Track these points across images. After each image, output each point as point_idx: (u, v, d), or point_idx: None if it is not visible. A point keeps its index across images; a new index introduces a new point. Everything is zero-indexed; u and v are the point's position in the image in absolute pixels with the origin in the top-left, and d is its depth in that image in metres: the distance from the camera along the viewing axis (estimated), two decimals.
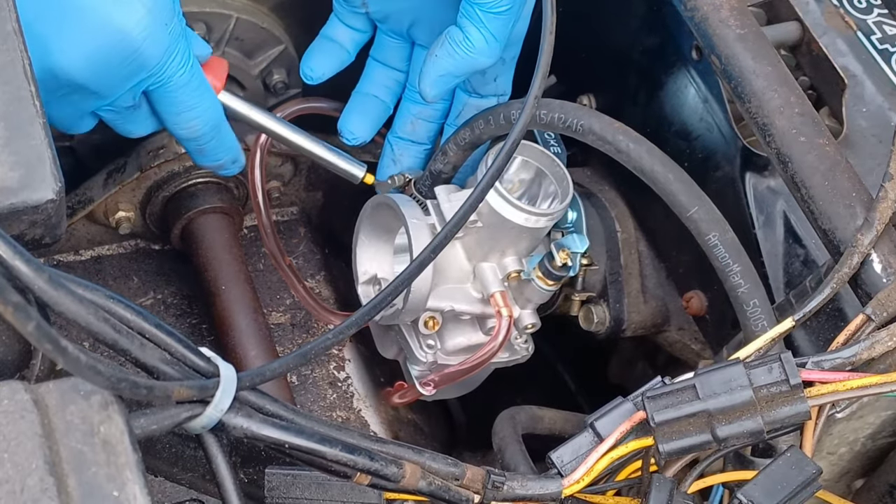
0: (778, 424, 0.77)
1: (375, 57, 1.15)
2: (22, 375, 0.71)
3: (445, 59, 1.01)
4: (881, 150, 1.03)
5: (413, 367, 1.14)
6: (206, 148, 1.03)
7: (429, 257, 0.88)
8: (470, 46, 1.00)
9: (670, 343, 1.24)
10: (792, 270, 1.01)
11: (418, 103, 1.14)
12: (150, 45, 0.92)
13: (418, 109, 1.14)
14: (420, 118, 1.14)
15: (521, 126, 0.92)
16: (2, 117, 0.69)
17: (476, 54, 1.00)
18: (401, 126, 1.15)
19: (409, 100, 1.14)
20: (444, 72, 1.01)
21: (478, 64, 1.01)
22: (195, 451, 0.82)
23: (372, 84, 1.15)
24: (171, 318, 1.24)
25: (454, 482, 0.77)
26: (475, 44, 0.99)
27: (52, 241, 0.72)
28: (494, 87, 1.11)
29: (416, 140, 1.15)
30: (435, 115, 1.14)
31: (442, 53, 1.01)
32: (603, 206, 1.21)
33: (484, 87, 1.11)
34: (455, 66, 1.01)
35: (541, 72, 0.93)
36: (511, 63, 1.10)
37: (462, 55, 1.00)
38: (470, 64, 1.01)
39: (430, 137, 1.15)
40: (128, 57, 0.91)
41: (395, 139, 1.15)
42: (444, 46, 1.01)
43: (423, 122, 1.14)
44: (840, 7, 1.13)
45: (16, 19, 0.73)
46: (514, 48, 1.09)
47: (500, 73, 1.10)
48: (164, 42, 0.93)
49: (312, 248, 1.34)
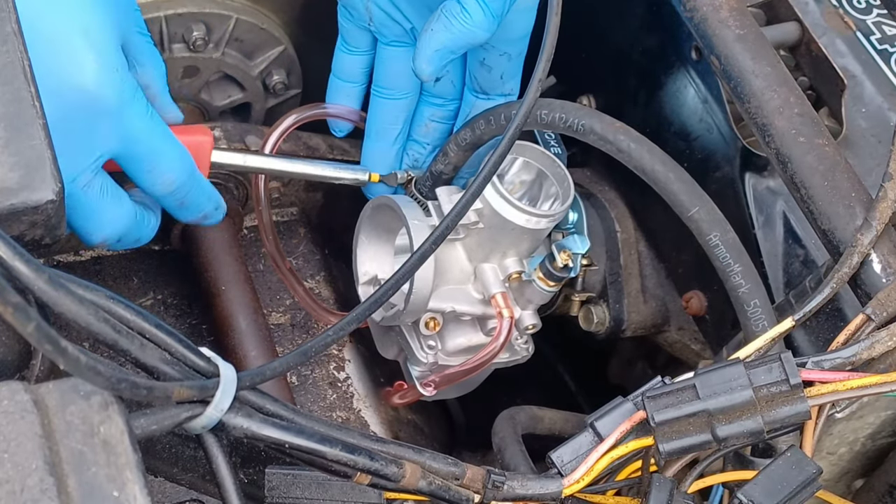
0: (778, 424, 0.77)
1: (380, 93, 1.13)
2: (22, 376, 0.71)
3: (441, 32, 0.98)
4: (881, 151, 1.03)
5: (414, 367, 1.14)
6: (188, 199, 1.00)
7: (429, 249, 0.87)
8: (467, 18, 0.97)
9: (670, 343, 1.24)
10: (792, 270, 1.01)
11: (432, 105, 1.13)
12: (106, 89, 0.88)
13: (432, 111, 1.14)
14: (434, 120, 1.14)
15: (528, 105, 0.89)
16: (2, 118, 0.69)
17: (473, 26, 0.98)
18: (416, 129, 1.15)
19: (423, 104, 1.14)
20: (441, 46, 0.99)
21: (475, 37, 0.99)
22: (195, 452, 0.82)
23: (384, 124, 1.14)
24: (171, 318, 1.24)
25: (454, 482, 0.78)
26: (472, 15, 0.97)
27: (52, 241, 0.72)
28: (501, 85, 1.10)
29: (430, 142, 1.15)
30: (448, 115, 1.14)
31: (438, 27, 0.98)
32: (603, 206, 1.21)
33: (491, 87, 1.11)
34: (452, 40, 0.99)
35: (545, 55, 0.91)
36: (518, 59, 1.10)
37: (459, 27, 0.98)
38: (467, 37, 0.98)
39: (443, 139, 1.15)
40: (88, 108, 0.88)
41: (411, 142, 1.15)
42: (440, 20, 0.98)
43: (437, 123, 1.14)
44: (839, 7, 1.13)
45: (16, 20, 0.73)
46: (520, 43, 1.08)
47: (506, 71, 1.10)
48: (117, 84, 0.89)
49: (312, 248, 1.34)
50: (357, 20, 1.10)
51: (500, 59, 1.07)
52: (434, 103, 1.13)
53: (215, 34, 1.20)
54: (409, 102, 1.13)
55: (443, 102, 1.13)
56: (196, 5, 1.18)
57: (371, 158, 1.16)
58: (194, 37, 1.18)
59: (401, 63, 1.11)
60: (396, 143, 1.14)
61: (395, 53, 1.11)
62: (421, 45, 1.00)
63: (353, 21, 1.10)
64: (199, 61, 1.22)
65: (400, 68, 1.11)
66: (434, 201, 1.09)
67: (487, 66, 1.08)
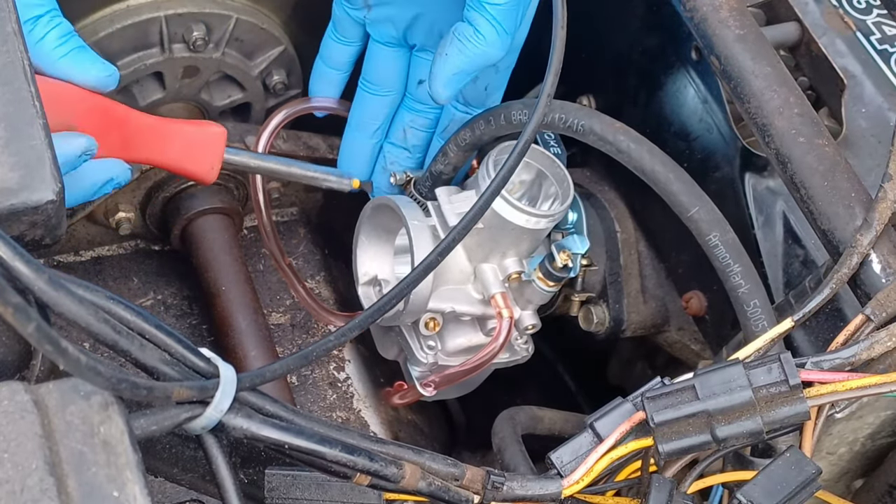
0: (777, 425, 0.77)
1: (366, 87, 1.14)
2: (22, 376, 0.71)
3: (456, 56, 0.98)
4: (880, 151, 1.03)
5: (414, 367, 1.14)
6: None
7: (434, 261, 0.88)
8: (481, 39, 0.97)
9: (670, 343, 1.24)
10: (791, 271, 1.01)
11: (412, 111, 1.14)
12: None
13: (411, 118, 1.14)
14: (412, 126, 1.14)
15: (536, 122, 0.90)
16: (2, 118, 0.69)
17: (487, 47, 0.98)
18: (393, 132, 1.15)
19: (404, 107, 1.14)
20: (457, 69, 0.99)
21: (489, 57, 0.99)
22: (195, 452, 0.82)
23: (365, 117, 1.15)
24: (172, 318, 1.24)
25: (454, 482, 0.78)
26: (486, 36, 0.97)
27: (53, 241, 0.72)
28: (485, 98, 1.11)
29: (406, 147, 1.15)
30: (427, 123, 1.14)
31: (452, 51, 0.98)
32: (602, 206, 1.21)
33: (475, 98, 1.11)
34: (467, 63, 0.99)
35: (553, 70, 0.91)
36: (505, 73, 1.10)
37: (473, 49, 0.98)
38: (482, 58, 0.99)
39: (421, 146, 1.15)
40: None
41: (387, 145, 1.15)
42: (454, 44, 0.98)
43: (416, 130, 1.14)
44: (839, 7, 1.13)
45: (16, 20, 0.73)
46: (510, 56, 1.08)
47: (491, 83, 1.10)
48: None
49: (312, 248, 1.34)
50: (352, 10, 1.10)
51: (488, 70, 1.07)
52: (415, 109, 1.13)
53: (215, 34, 1.20)
54: (393, 100, 1.14)
55: (423, 109, 1.13)
56: (196, 5, 1.18)
57: (349, 148, 1.16)
58: (194, 37, 1.18)
59: (390, 62, 1.12)
60: (374, 137, 1.15)
61: (387, 53, 1.12)
62: (436, 70, 1.00)
63: (348, 12, 1.10)
64: (199, 61, 1.22)
65: (389, 67, 1.12)
66: (434, 202, 1.09)
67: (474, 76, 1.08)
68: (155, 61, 1.20)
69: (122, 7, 1.16)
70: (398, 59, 1.12)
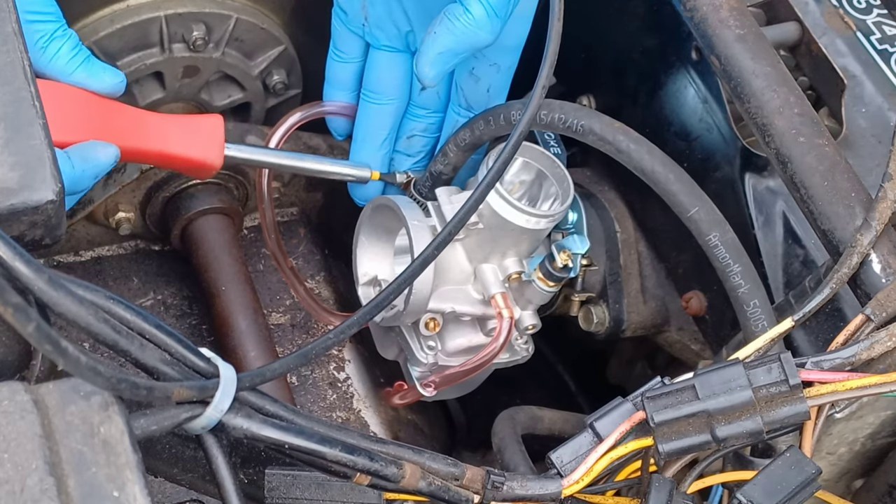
0: (777, 425, 0.77)
1: (368, 97, 1.13)
2: (22, 376, 0.71)
3: (445, 35, 0.97)
4: (880, 151, 1.03)
5: (414, 368, 1.14)
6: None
7: (431, 255, 0.88)
8: (470, 19, 0.96)
9: (670, 343, 1.24)
10: (791, 271, 1.01)
11: (416, 118, 1.13)
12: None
13: (413, 125, 1.14)
14: (416, 133, 1.14)
15: (529, 115, 0.90)
16: (2, 118, 0.69)
17: (477, 28, 0.96)
18: (399, 141, 1.15)
19: (408, 115, 1.14)
20: (444, 48, 0.97)
21: (479, 39, 0.97)
22: (195, 452, 0.82)
23: (370, 129, 1.14)
24: (172, 318, 1.24)
25: (454, 482, 0.78)
26: (476, 16, 0.96)
27: (53, 242, 0.72)
28: (487, 100, 1.10)
29: (412, 154, 1.15)
30: (430, 128, 1.14)
31: (441, 30, 0.97)
32: (602, 206, 1.21)
33: (476, 101, 1.10)
34: (455, 42, 0.97)
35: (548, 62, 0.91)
36: (507, 73, 1.10)
37: (462, 29, 0.96)
38: (471, 39, 0.97)
39: (426, 152, 1.15)
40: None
41: (395, 154, 1.15)
42: (443, 23, 0.97)
43: (419, 136, 1.14)
44: (839, 7, 1.13)
45: (16, 20, 0.73)
46: (512, 55, 1.08)
47: (493, 84, 1.09)
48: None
49: (312, 248, 1.34)
50: (350, 22, 1.10)
51: (489, 69, 1.07)
52: (417, 115, 1.13)
53: (215, 34, 1.20)
54: (396, 108, 1.13)
55: (426, 114, 1.13)
56: (196, 5, 1.18)
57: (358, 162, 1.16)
58: (194, 37, 1.18)
59: (391, 68, 1.11)
60: (383, 148, 1.14)
61: (386, 58, 1.11)
62: (423, 48, 0.98)
63: (346, 24, 1.10)
64: (199, 61, 1.22)
65: (390, 73, 1.11)
66: (434, 202, 1.09)
67: (476, 77, 1.08)
68: (155, 61, 1.20)
69: (122, 7, 1.16)
70: (399, 64, 1.11)
